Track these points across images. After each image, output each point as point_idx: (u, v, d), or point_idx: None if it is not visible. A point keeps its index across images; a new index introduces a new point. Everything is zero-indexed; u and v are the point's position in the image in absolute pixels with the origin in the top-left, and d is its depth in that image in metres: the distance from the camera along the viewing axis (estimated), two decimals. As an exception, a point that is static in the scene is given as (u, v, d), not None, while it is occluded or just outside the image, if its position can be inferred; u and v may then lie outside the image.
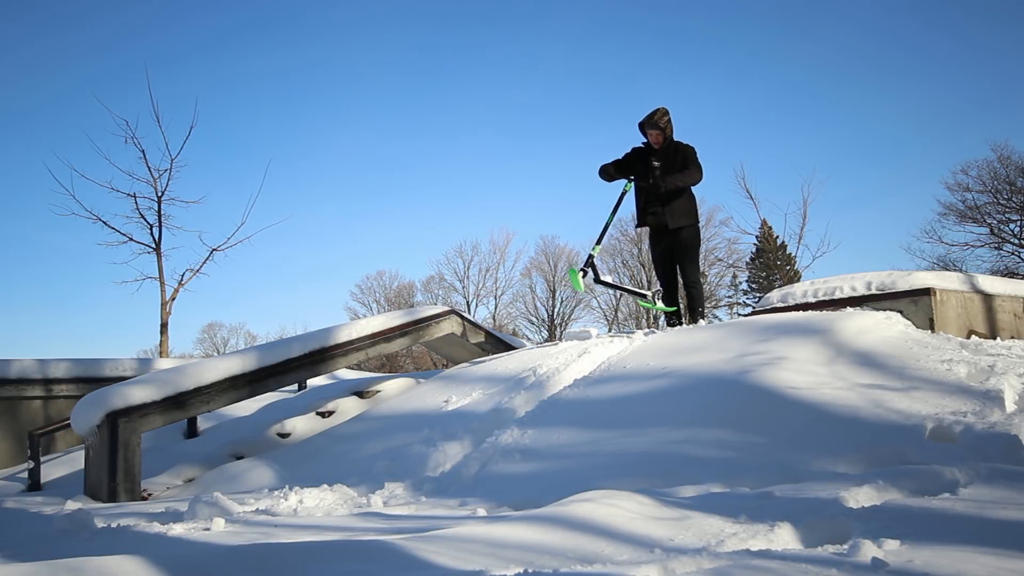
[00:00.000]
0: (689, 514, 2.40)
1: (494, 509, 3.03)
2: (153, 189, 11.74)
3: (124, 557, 1.84)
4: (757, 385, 3.91)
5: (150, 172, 11.73)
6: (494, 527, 2.30)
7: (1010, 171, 27.56)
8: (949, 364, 4.16)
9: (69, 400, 6.98)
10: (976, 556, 1.79)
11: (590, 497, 2.53)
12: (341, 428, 5.44)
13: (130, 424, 4.86)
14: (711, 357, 4.51)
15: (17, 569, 1.81)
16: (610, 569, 1.85)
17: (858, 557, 1.80)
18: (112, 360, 7.80)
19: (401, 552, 2.01)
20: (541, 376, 4.90)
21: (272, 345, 5.80)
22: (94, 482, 4.92)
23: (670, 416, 3.81)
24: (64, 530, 2.93)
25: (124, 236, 11.69)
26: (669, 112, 6.06)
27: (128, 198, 11.64)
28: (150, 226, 11.79)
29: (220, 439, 6.06)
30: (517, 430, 4.13)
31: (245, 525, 2.87)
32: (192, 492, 4.80)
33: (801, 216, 27.84)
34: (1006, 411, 3.48)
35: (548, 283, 40.05)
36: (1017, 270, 26.81)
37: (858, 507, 2.36)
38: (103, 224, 11.54)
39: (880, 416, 3.47)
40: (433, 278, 42.50)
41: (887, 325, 5.19)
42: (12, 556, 2.46)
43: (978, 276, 6.67)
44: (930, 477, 2.65)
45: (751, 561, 1.83)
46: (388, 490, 3.68)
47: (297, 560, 1.93)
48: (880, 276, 5.96)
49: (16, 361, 7.48)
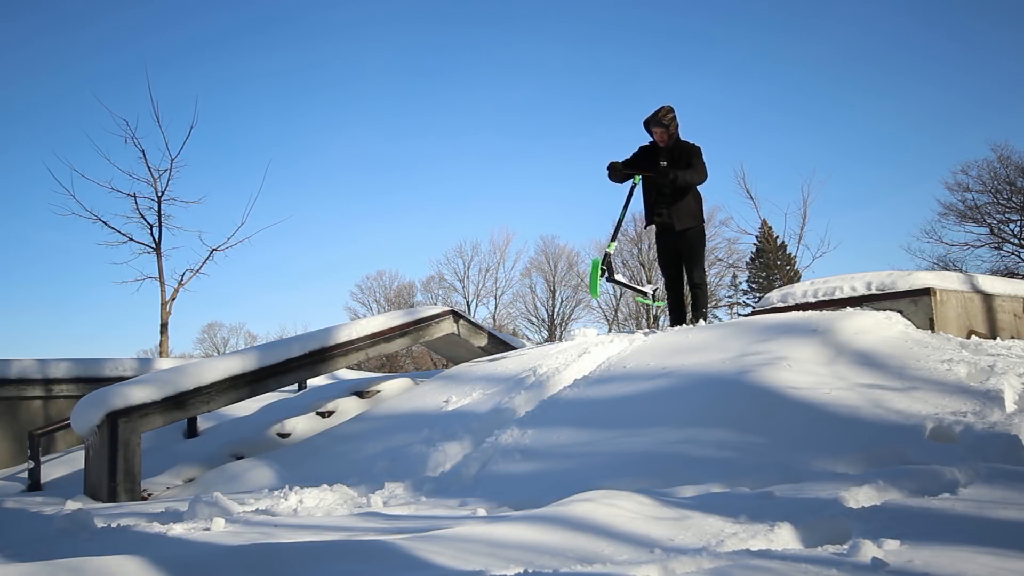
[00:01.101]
0: (689, 514, 2.40)
1: (494, 509, 3.03)
2: (153, 189, 11.77)
3: (124, 557, 1.84)
4: (757, 385, 3.91)
5: (150, 172, 11.75)
6: (494, 527, 2.30)
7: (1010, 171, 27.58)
8: (949, 364, 4.16)
9: (69, 400, 6.98)
10: (976, 556, 1.78)
11: (590, 497, 2.53)
12: (341, 428, 5.44)
13: (130, 424, 4.86)
14: (711, 357, 4.52)
15: (18, 569, 1.81)
16: (610, 569, 1.85)
17: (858, 557, 1.81)
18: (112, 360, 7.81)
19: (401, 552, 2.01)
20: (541, 376, 4.90)
21: (272, 345, 5.80)
22: (94, 482, 4.92)
23: (670, 416, 3.81)
24: (64, 530, 2.93)
25: (124, 236, 11.72)
26: (674, 110, 6.02)
27: (128, 198, 11.67)
28: (150, 226, 11.81)
29: (220, 439, 6.06)
30: (517, 430, 4.14)
31: (245, 525, 2.87)
32: (192, 492, 4.80)
33: (801, 216, 27.92)
34: (1006, 411, 3.48)
35: (548, 283, 40.05)
36: (1017, 270, 26.81)
37: (858, 507, 2.36)
38: (103, 224, 11.57)
39: (880, 416, 3.47)
40: (433, 278, 42.53)
41: (887, 325, 5.19)
42: (12, 556, 2.46)
43: (978, 276, 6.67)
44: (930, 477, 2.65)
45: (751, 561, 1.83)
46: (388, 490, 3.68)
47: (297, 560, 1.93)
48: (880, 276, 5.96)
49: (16, 361, 7.48)
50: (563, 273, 39.46)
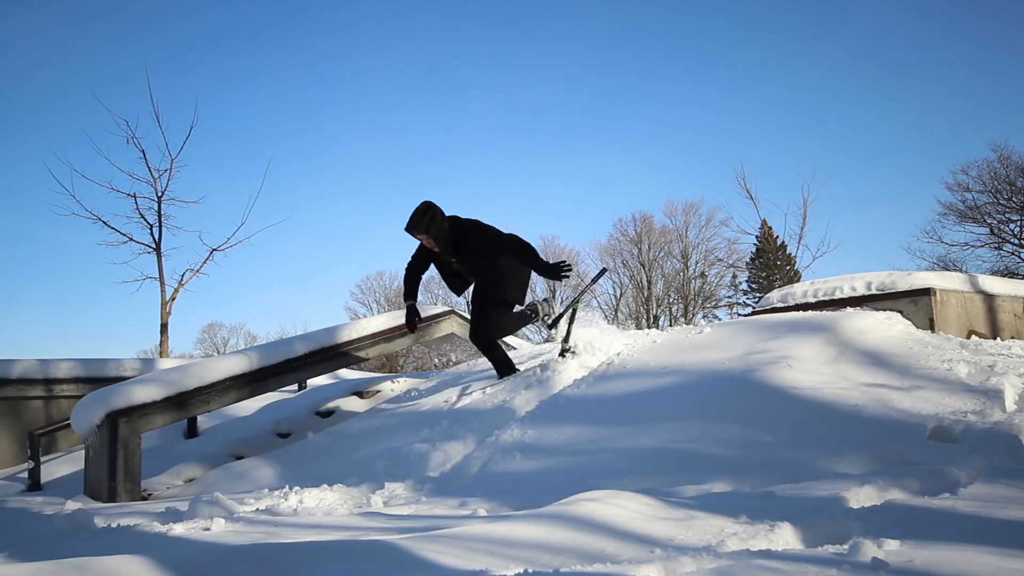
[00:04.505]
0: (692, 514, 2.40)
1: (495, 509, 3.03)
2: (153, 189, 11.77)
3: (127, 557, 1.85)
4: (761, 384, 3.91)
5: (150, 172, 11.75)
6: (496, 526, 2.30)
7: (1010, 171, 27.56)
8: (950, 364, 4.17)
9: (71, 400, 6.97)
10: (977, 556, 1.79)
11: (592, 497, 2.53)
12: (341, 428, 5.44)
13: (130, 424, 4.86)
14: (716, 355, 4.52)
15: (22, 569, 1.81)
16: (611, 569, 1.85)
17: (858, 557, 1.80)
18: (114, 360, 7.81)
19: (402, 552, 2.01)
20: (542, 375, 4.90)
21: (273, 345, 5.80)
22: (94, 482, 4.92)
23: (673, 414, 3.81)
24: (64, 530, 2.93)
25: (124, 236, 11.71)
26: (433, 206, 4.79)
27: (128, 198, 11.66)
28: (150, 226, 11.80)
29: (220, 439, 6.06)
30: (518, 429, 4.14)
31: (246, 525, 2.87)
32: (192, 492, 4.79)
33: (801, 216, 27.92)
34: (1007, 410, 3.48)
35: (548, 283, 40.02)
36: (1017, 270, 26.80)
37: (859, 507, 2.36)
38: (103, 224, 11.56)
39: (882, 415, 3.48)
40: (433, 278, 42.50)
41: (887, 325, 5.20)
42: (13, 556, 2.46)
43: (978, 276, 6.68)
44: (931, 477, 2.66)
45: (752, 561, 1.83)
46: (388, 490, 3.68)
47: (298, 560, 1.93)
48: (880, 276, 5.97)
49: (18, 361, 7.48)
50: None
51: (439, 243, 4.80)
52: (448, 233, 4.80)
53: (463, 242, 4.83)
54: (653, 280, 36.88)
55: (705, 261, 36.42)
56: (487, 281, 4.98)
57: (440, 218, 4.78)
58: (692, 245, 36.55)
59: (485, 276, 4.97)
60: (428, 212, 4.76)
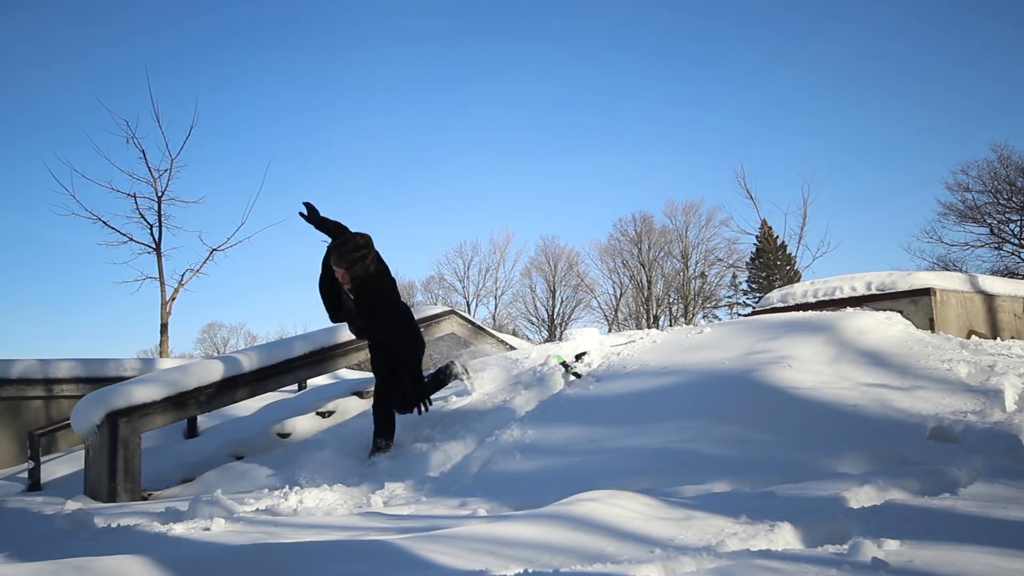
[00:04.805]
0: (692, 514, 2.40)
1: (495, 509, 3.03)
2: (153, 189, 11.73)
3: (127, 556, 1.85)
4: (762, 384, 3.91)
5: (150, 172, 11.72)
6: (496, 526, 2.30)
7: (1010, 171, 27.55)
8: (950, 364, 4.17)
9: (71, 400, 6.97)
10: (977, 556, 1.78)
11: (593, 497, 2.53)
12: (342, 428, 5.44)
13: (130, 424, 4.86)
14: (716, 355, 4.52)
15: (23, 568, 1.81)
16: (611, 569, 1.85)
17: (858, 557, 1.81)
18: (115, 360, 7.81)
19: (402, 551, 2.01)
20: (542, 374, 4.90)
21: (273, 345, 5.80)
22: (94, 482, 4.92)
23: (674, 414, 3.81)
24: (64, 530, 2.93)
25: (124, 236, 11.68)
26: (371, 245, 4.44)
27: (128, 198, 11.62)
28: (150, 226, 11.77)
29: (220, 439, 6.06)
30: (518, 429, 4.14)
31: (246, 524, 2.87)
32: (192, 492, 4.79)
33: (801, 216, 27.87)
34: (1007, 410, 3.48)
35: (548, 283, 40.04)
36: (1017, 270, 26.79)
37: (859, 507, 2.36)
38: (103, 224, 11.54)
39: (882, 415, 3.48)
40: (433, 278, 42.54)
41: (887, 325, 5.20)
42: (13, 556, 2.46)
43: (978, 276, 6.68)
44: (931, 477, 2.66)
45: (752, 561, 1.83)
46: (388, 490, 3.68)
47: (298, 560, 1.93)
48: (880, 276, 5.97)
49: (18, 361, 7.48)
50: (563, 273, 39.47)
51: (353, 283, 4.40)
52: (362, 281, 4.39)
53: (372, 297, 4.44)
54: (653, 280, 36.88)
55: (705, 261, 36.45)
56: (383, 343, 4.61)
57: (369, 262, 4.37)
58: (692, 245, 36.60)
59: (381, 336, 4.60)
60: (362, 251, 4.34)
